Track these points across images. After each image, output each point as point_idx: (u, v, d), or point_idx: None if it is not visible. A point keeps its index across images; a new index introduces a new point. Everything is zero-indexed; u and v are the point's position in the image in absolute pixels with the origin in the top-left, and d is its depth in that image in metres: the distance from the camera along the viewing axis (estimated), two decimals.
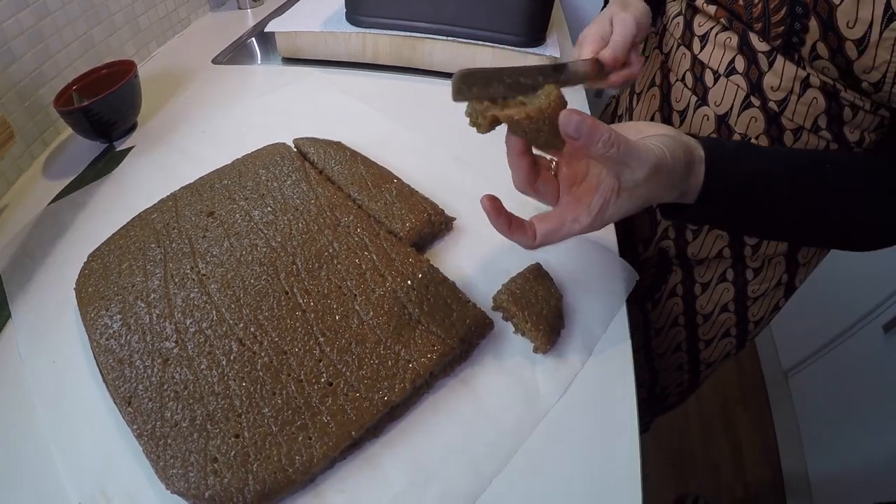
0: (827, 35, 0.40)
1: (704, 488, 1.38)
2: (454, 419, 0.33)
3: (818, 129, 0.47)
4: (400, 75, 0.69)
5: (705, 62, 0.51)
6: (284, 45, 0.69)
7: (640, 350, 0.70)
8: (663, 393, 0.74)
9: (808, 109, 0.46)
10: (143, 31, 0.72)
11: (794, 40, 0.43)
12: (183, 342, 0.34)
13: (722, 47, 0.49)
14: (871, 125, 0.46)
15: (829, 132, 0.47)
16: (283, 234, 0.40)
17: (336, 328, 0.34)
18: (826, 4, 0.39)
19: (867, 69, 0.40)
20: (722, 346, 0.65)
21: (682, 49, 0.53)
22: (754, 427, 1.54)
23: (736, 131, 0.50)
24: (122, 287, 0.38)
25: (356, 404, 0.31)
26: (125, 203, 0.48)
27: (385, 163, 0.50)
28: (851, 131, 0.46)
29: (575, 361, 0.37)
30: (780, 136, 0.48)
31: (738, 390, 1.64)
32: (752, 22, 0.46)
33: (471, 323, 0.35)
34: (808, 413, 1.44)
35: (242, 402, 0.32)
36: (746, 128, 0.49)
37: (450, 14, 0.64)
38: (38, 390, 0.35)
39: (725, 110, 0.50)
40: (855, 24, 0.39)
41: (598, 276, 0.43)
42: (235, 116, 0.60)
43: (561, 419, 0.34)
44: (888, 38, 0.37)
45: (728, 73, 0.49)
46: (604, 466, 0.32)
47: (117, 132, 0.57)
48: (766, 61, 0.46)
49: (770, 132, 0.48)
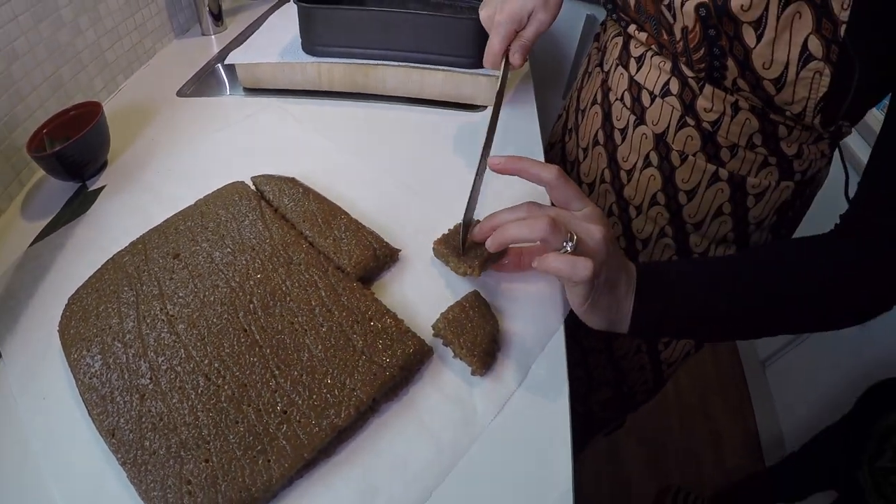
0: (745, 74, 0.42)
1: (686, 479, 1.41)
2: (398, 439, 0.38)
3: (753, 146, 0.49)
4: (355, 102, 0.72)
5: (641, 83, 0.53)
6: (245, 76, 0.72)
7: (603, 351, 0.73)
8: (630, 392, 0.77)
9: (741, 129, 0.48)
10: (110, 66, 0.74)
11: (715, 75, 0.45)
12: (157, 379, 0.39)
13: (657, 69, 0.51)
14: (808, 139, 0.48)
15: (764, 148, 0.49)
16: (241, 274, 0.44)
17: (289, 361, 0.39)
18: (742, 47, 0.41)
19: (787, 103, 0.42)
20: (681, 346, 0.68)
21: (620, 69, 0.56)
22: (734, 417, 1.57)
23: (673, 148, 0.52)
24: (101, 329, 0.42)
25: (308, 430, 0.36)
26: (99, 243, 0.51)
27: (337, 195, 0.54)
28: (789, 145, 0.48)
29: (511, 382, 0.42)
30: (716, 152, 0.50)
31: (716, 382, 1.67)
32: (677, 55, 0.48)
33: (411, 352, 0.40)
34: (787, 400, 1.47)
35: (210, 430, 0.36)
36: (683, 145, 0.52)
37: (400, 40, 0.68)
38: (31, 425, 0.39)
39: (662, 129, 0.52)
40: (771, 65, 0.40)
41: (538, 298, 0.47)
42: (199, 152, 0.63)
43: (497, 436, 0.39)
44: (805, 78, 0.39)
45: (663, 94, 0.51)
46: (537, 477, 0.37)
47: (89, 172, 0.60)
48: (696, 86, 0.48)
49: (706, 149, 0.51)
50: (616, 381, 0.76)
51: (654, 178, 0.56)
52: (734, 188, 0.52)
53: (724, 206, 0.54)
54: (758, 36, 0.39)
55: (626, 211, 0.61)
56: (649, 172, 0.56)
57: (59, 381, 0.42)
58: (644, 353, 0.70)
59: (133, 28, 0.78)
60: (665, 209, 0.57)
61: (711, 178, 0.52)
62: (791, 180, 0.51)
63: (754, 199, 0.52)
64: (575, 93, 0.69)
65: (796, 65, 0.39)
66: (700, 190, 0.53)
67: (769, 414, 1.51)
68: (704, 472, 1.44)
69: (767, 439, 1.50)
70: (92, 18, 0.69)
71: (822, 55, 0.38)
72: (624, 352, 0.72)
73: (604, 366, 0.75)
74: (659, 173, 0.55)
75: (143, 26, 0.81)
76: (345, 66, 0.69)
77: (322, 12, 0.68)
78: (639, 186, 0.58)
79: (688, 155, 0.52)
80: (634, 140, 0.56)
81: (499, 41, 0.55)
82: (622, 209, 0.61)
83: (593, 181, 0.63)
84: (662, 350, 0.69)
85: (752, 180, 0.51)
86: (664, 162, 0.54)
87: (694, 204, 0.55)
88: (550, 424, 0.40)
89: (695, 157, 0.52)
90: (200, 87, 0.77)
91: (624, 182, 0.59)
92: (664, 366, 0.71)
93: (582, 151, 0.65)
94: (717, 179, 0.52)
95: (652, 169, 0.55)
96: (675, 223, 0.58)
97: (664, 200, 0.56)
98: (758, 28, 0.39)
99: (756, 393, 1.60)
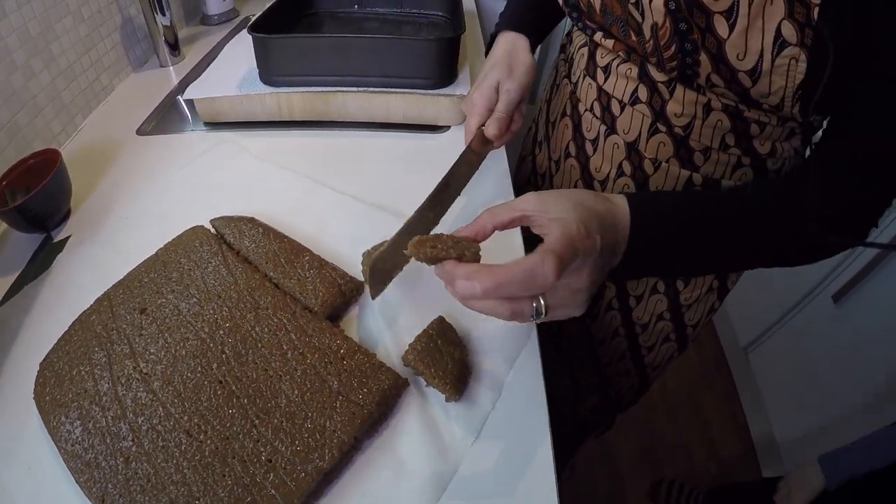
0: (719, 67, 0.41)
1: (678, 472, 1.42)
2: (382, 473, 0.39)
3: (727, 147, 0.48)
4: (318, 130, 0.72)
5: (610, 92, 0.52)
6: (204, 111, 0.71)
7: (588, 359, 0.74)
8: (617, 396, 0.77)
9: (713, 131, 0.47)
10: (68, 106, 0.73)
11: (688, 72, 0.44)
12: (139, 440, 0.39)
13: (624, 78, 0.50)
14: (780, 136, 0.47)
15: (738, 148, 0.48)
16: (210, 324, 0.44)
17: (268, 409, 0.39)
18: (714, 39, 0.40)
19: (764, 95, 0.41)
20: (664, 350, 0.68)
21: (588, 80, 0.55)
22: (720, 405, 1.59)
23: (646, 156, 0.52)
24: (77, 393, 0.42)
25: (294, 476, 0.36)
26: (66, 302, 0.51)
27: (299, 229, 0.54)
28: (762, 143, 0.48)
29: (486, 403, 0.42)
30: (689, 157, 0.50)
31: (700, 372, 1.69)
32: (647, 56, 0.47)
33: (387, 387, 0.40)
34: (771, 384, 1.50)
35: (199, 486, 0.36)
36: (656, 152, 0.51)
37: (358, 65, 0.68)
38: (19, 496, 0.39)
39: (634, 137, 0.52)
40: (745, 55, 0.39)
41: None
42: (159, 194, 0.63)
43: (480, 457, 0.39)
44: (781, 65, 0.38)
45: (632, 102, 0.50)
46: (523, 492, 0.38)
47: (52, 223, 0.60)
48: (666, 90, 0.47)
49: (679, 154, 0.50)
50: (602, 387, 0.77)
51: (628, 187, 0.55)
52: None
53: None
54: (730, 25, 0.38)
55: None
56: (623, 182, 0.56)
57: (42, 450, 0.41)
58: (629, 360, 0.70)
59: (89, 65, 0.77)
60: None
61: (686, 183, 0.52)
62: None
63: None
64: (544, 105, 0.69)
65: (771, 52, 0.38)
66: None
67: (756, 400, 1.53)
68: (697, 464, 1.46)
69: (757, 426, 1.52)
70: (45, 59, 0.68)
71: (796, 40, 0.37)
72: (608, 359, 0.72)
73: (589, 373, 0.75)
74: (633, 182, 0.55)
75: (100, 62, 0.80)
76: (304, 95, 0.69)
77: (277, 41, 0.67)
78: None
79: (661, 162, 0.52)
80: (606, 150, 0.55)
81: (474, 121, 0.55)
82: None
83: None
84: (646, 355, 0.69)
85: (726, 183, 0.51)
86: (637, 171, 0.54)
87: None
88: (531, 439, 0.41)
89: (668, 164, 0.51)
90: (161, 123, 0.76)
91: None
92: (649, 370, 0.72)
93: (554, 164, 0.65)
94: (691, 185, 0.52)
95: (626, 178, 0.55)
96: None
97: None
98: (730, 17, 0.38)
99: (741, 380, 1.63)
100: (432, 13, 0.87)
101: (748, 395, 1.59)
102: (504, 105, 0.54)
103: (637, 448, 1.48)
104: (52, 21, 0.69)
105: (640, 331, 0.66)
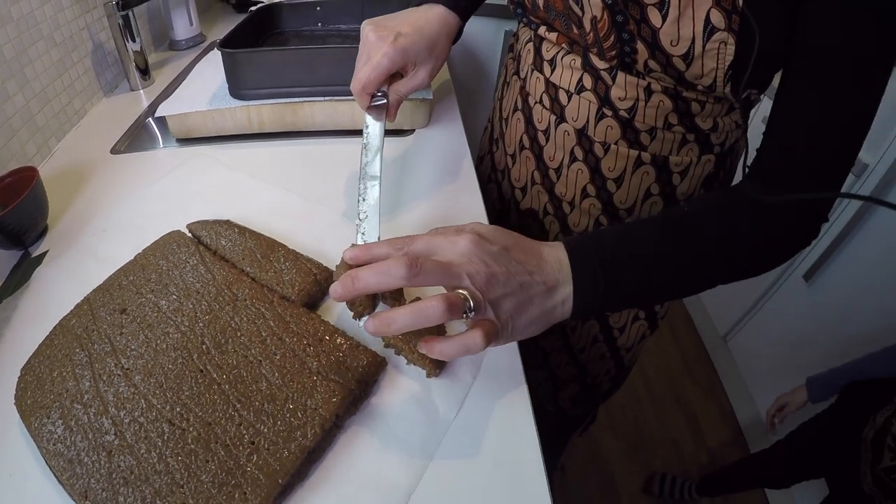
0: (655, 54, 0.45)
1: (670, 464, 1.44)
2: (367, 450, 0.40)
3: (670, 125, 0.51)
4: (287, 140, 0.74)
5: (557, 83, 0.55)
6: (176, 127, 0.73)
7: (562, 349, 0.75)
8: (595, 383, 0.79)
9: (656, 112, 0.51)
10: (42, 129, 0.74)
11: (627, 60, 0.47)
12: (121, 433, 0.39)
13: (570, 69, 0.54)
14: (720, 112, 0.51)
15: (681, 126, 0.51)
16: (189, 318, 0.45)
17: (249, 393, 0.40)
18: (649, 29, 0.43)
19: (698, 76, 0.45)
20: (635, 329, 0.70)
21: (536, 73, 0.58)
22: (705, 395, 1.62)
23: (595, 140, 0.55)
24: (58, 394, 0.42)
25: (277, 455, 0.37)
26: (46, 312, 0.51)
27: (273, 231, 0.56)
28: (703, 120, 0.51)
29: (467, 377, 0.44)
30: (636, 137, 0.53)
31: (682, 364, 1.72)
32: (588, 47, 0.50)
33: (366, 363, 0.42)
34: (753, 369, 1.54)
35: (182, 474, 0.37)
36: (605, 136, 0.54)
37: (323, 75, 0.70)
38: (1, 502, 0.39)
39: (583, 124, 0.55)
40: (678, 41, 0.43)
41: None
42: (134, 208, 0.64)
43: (463, 431, 0.41)
44: (711, 49, 0.42)
45: (578, 90, 0.54)
46: (508, 460, 0.39)
47: (30, 239, 0.60)
48: (609, 77, 0.50)
49: (626, 136, 0.53)
50: (580, 374, 0.78)
51: (581, 171, 0.59)
52: (659, 169, 0.55)
53: (651, 188, 0.57)
54: (663, 16, 0.42)
55: (560, 208, 0.64)
56: (576, 167, 0.59)
57: (22, 456, 0.42)
58: (602, 343, 0.72)
59: (62, 90, 0.78)
60: (597, 199, 0.60)
61: (636, 162, 0.55)
62: (711, 153, 0.55)
63: (679, 176, 0.56)
64: (497, 103, 0.72)
65: (702, 38, 0.42)
66: (626, 176, 0.57)
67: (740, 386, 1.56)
68: (687, 456, 1.48)
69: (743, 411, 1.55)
70: (19, 82, 0.69)
71: (724, 26, 0.41)
72: (582, 345, 0.74)
73: (566, 363, 0.77)
74: (585, 166, 0.58)
75: (72, 87, 0.81)
76: (272, 107, 0.71)
77: (246, 56, 0.70)
78: (568, 182, 0.61)
79: (610, 144, 0.55)
80: (558, 138, 0.58)
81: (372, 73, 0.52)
82: (556, 207, 0.64)
83: (525, 185, 0.67)
84: (618, 336, 0.71)
85: (674, 159, 0.54)
86: (589, 155, 0.57)
87: (623, 190, 0.58)
88: (512, 409, 0.42)
89: (617, 146, 0.54)
90: (133, 142, 0.77)
91: (554, 180, 0.62)
92: (623, 351, 0.74)
93: (510, 158, 0.68)
94: (641, 163, 0.55)
95: (578, 163, 0.58)
96: (608, 212, 0.61)
97: (594, 192, 0.59)
98: (662, 8, 0.42)
99: (723, 369, 1.66)
100: None
101: (731, 382, 1.62)
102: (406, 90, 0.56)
103: (625, 445, 1.49)
104: (26, 45, 0.70)
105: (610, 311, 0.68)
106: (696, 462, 1.46)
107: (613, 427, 1.50)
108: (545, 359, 0.79)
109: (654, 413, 1.58)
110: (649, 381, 1.66)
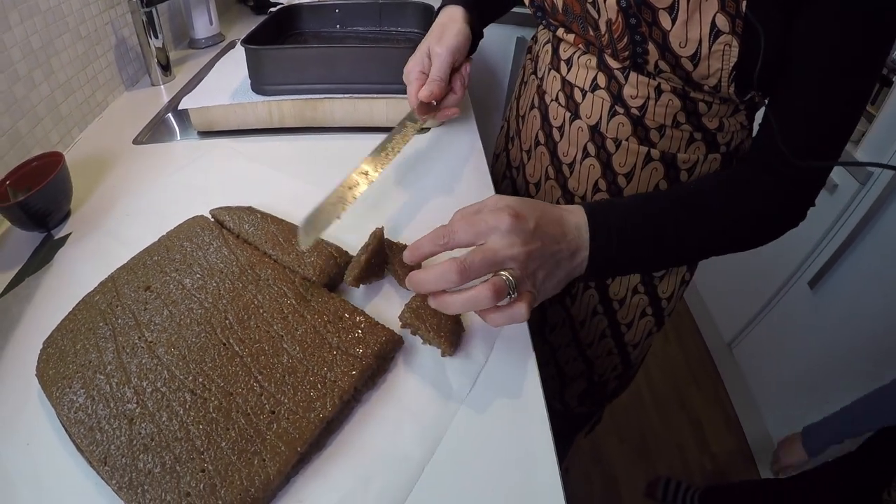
0: (665, 55, 0.48)
1: (674, 470, 1.44)
2: (383, 423, 0.41)
3: (679, 124, 0.54)
4: (306, 135, 0.76)
5: (573, 82, 0.58)
6: (198, 120, 0.75)
7: (571, 344, 0.77)
8: (601, 380, 0.80)
9: (665, 110, 0.53)
10: (65, 119, 0.76)
11: (639, 60, 0.50)
12: (143, 402, 0.40)
13: (585, 68, 0.56)
14: (727, 112, 0.53)
15: (689, 125, 0.54)
16: (213, 295, 0.46)
17: (270, 366, 0.41)
18: (659, 31, 0.47)
19: (704, 77, 0.48)
20: (642, 325, 0.72)
21: (553, 72, 0.61)
22: (710, 402, 1.62)
23: (608, 136, 0.57)
24: (81, 365, 0.43)
25: (297, 424, 0.38)
26: (68, 290, 0.52)
27: (293, 219, 0.57)
28: (710, 120, 0.54)
29: (479, 357, 0.45)
30: (646, 135, 0.55)
31: (687, 371, 1.71)
32: (603, 48, 0.53)
33: (384, 340, 0.43)
34: (758, 377, 1.52)
35: (202, 441, 0.38)
36: (616, 132, 0.57)
37: (343, 73, 0.73)
38: (18, 472, 0.39)
39: (596, 120, 0.58)
40: (686, 43, 0.46)
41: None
42: (157, 195, 0.65)
43: (475, 407, 0.42)
44: (717, 51, 0.45)
45: (593, 88, 0.56)
46: (518, 436, 0.40)
47: (53, 221, 0.62)
48: (622, 76, 0.53)
49: (637, 133, 0.56)
50: (587, 371, 0.79)
51: (593, 166, 0.61)
52: (667, 166, 0.57)
53: (660, 184, 0.59)
54: (672, 19, 0.45)
55: (573, 202, 0.65)
56: (589, 162, 0.61)
57: (41, 426, 0.42)
58: (609, 338, 0.74)
59: (85, 81, 0.80)
60: (607, 194, 0.62)
61: (645, 158, 0.57)
62: (717, 152, 0.57)
63: (686, 173, 0.58)
64: (514, 102, 0.74)
65: (708, 40, 0.45)
66: (636, 171, 0.59)
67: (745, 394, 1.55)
68: (690, 461, 1.47)
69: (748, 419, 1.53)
70: (45, 72, 0.71)
71: (728, 29, 0.44)
72: (590, 340, 0.75)
73: (574, 359, 0.78)
74: (598, 162, 0.60)
75: (95, 79, 0.83)
76: (293, 103, 0.73)
77: (269, 53, 0.72)
78: (581, 177, 0.63)
79: (621, 140, 0.57)
80: (572, 134, 0.61)
81: (413, 88, 0.60)
82: (568, 201, 0.66)
83: (539, 180, 0.68)
84: (626, 332, 0.73)
85: (681, 156, 0.57)
86: (601, 150, 0.59)
87: (633, 185, 0.60)
88: (523, 389, 0.43)
89: (627, 142, 0.57)
90: (154, 135, 0.79)
91: (567, 175, 0.64)
92: (630, 347, 0.75)
93: (525, 154, 0.70)
94: (650, 160, 0.57)
95: (591, 159, 0.60)
96: None
97: (605, 186, 0.61)
98: (671, 12, 0.45)
99: (728, 376, 1.65)
100: (408, 30, 0.93)
101: (737, 390, 1.61)
102: (436, 71, 0.59)
103: (630, 449, 1.48)
104: (53, 36, 0.72)
105: (618, 307, 0.70)
106: (700, 468, 1.45)
107: (618, 431, 1.49)
108: (553, 354, 0.79)
109: (658, 418, 1.58)
110: (653, 384, 1.66)
